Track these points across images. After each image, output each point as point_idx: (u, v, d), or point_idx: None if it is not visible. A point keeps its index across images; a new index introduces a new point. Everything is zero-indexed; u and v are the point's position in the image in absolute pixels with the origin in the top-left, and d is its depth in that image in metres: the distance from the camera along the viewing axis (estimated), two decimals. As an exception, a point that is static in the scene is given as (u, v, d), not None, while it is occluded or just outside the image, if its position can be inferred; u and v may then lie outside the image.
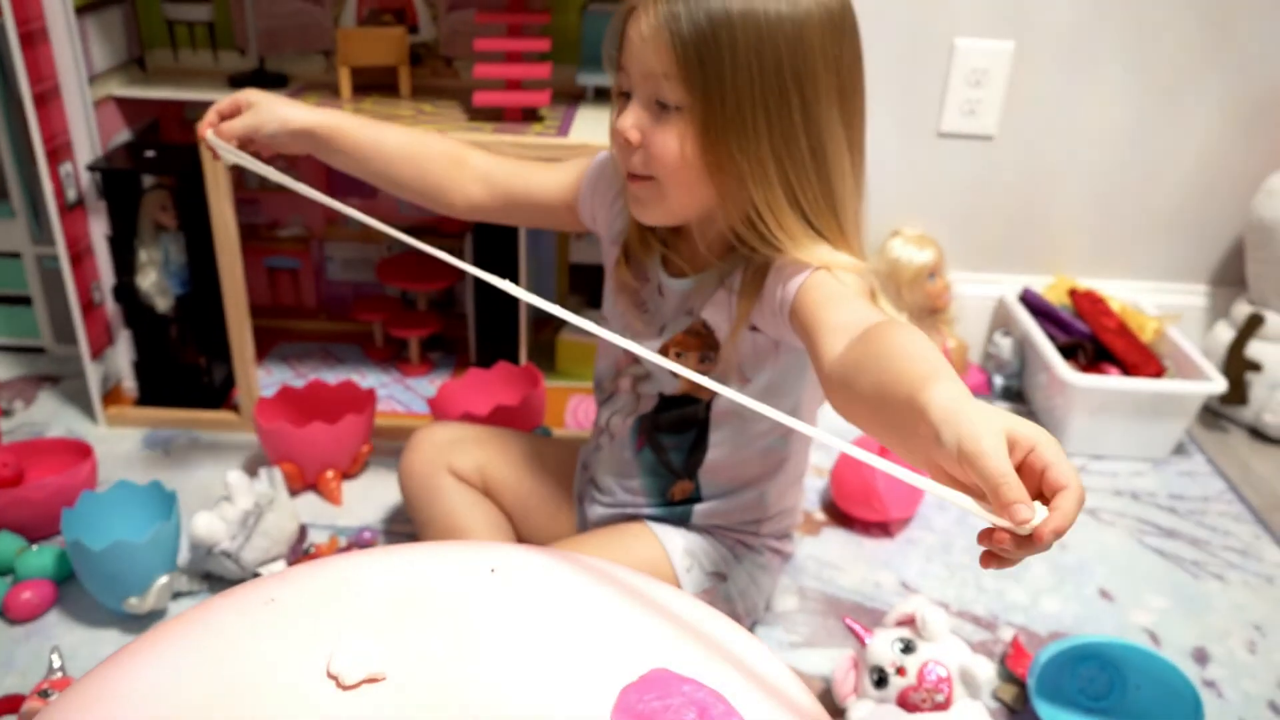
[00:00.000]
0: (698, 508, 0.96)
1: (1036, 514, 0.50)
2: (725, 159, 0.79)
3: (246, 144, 0.94)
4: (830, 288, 0.77)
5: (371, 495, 1.23)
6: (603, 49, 0.85)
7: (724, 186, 0.80)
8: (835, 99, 0.79)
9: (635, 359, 0.95)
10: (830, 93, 0.79)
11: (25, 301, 1.48)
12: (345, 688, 0.56)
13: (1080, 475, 0.57)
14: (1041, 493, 0.52)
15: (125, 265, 1.27)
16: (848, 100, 0.80)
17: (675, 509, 0.97)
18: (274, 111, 0.93)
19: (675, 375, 0.91)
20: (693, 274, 0.88)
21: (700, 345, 0.89)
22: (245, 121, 0.92)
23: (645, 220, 0.87)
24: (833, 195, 0.81)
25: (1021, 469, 0.52)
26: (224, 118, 0.93)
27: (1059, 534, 0.50)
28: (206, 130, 0.92)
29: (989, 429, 0.51)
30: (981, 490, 0.51)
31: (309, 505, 1.20)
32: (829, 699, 0.94)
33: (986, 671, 0.89)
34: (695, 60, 0.76)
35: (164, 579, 0.99)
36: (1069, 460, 0.52)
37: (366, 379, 1.45)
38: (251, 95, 0.93)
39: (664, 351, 0.90)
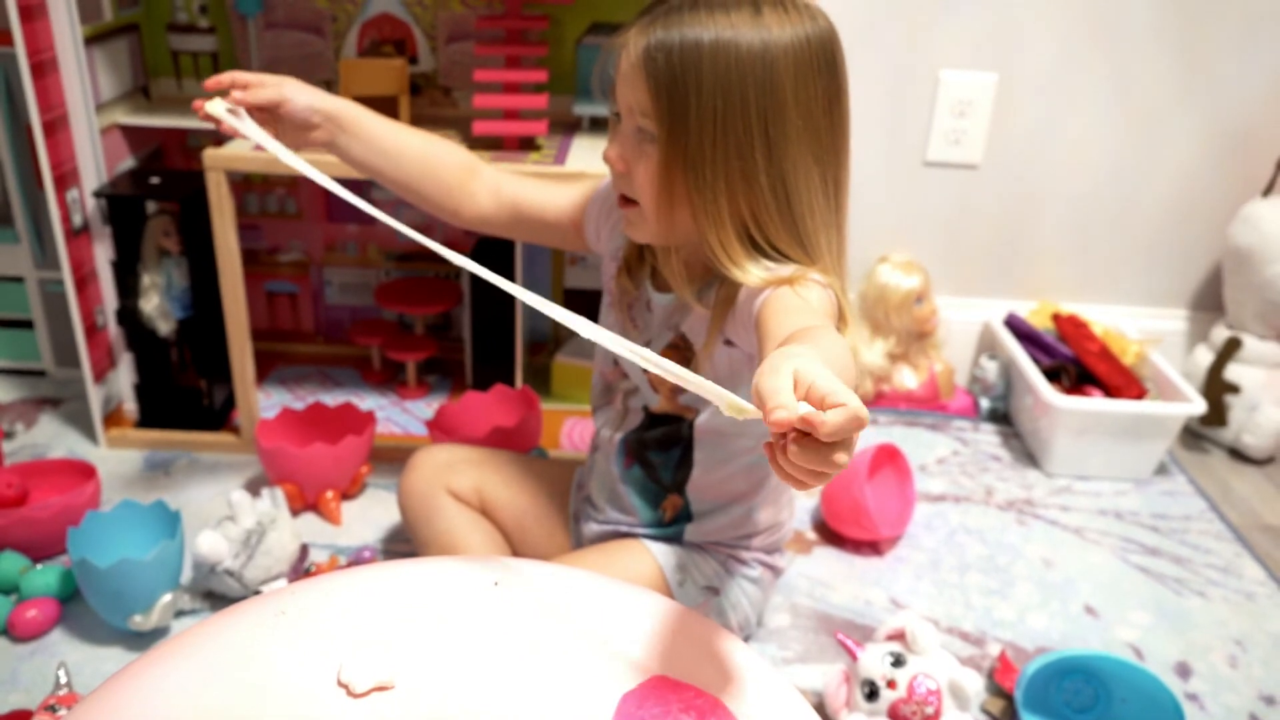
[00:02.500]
0: (689, 526, 0.99)
1: (797, 412, 0.51)
2: (680, 192, 0.82)
3: (264, 121, 0.92)
4: (788, 301, 0.79)
5: (370, 515, 1.25)
6: (592, 77, 0.88)
7: (682, 216, 0.84)
8: (806, 138, 0.82)
9: (625, 373, 0.98)
10: (802, 133, 0.81)
11: (27, 325, 1.50)
12: (355, 696, 0.58)
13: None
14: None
15: (128, 289, 1.29)
16: (822, 136, 0.83)
17: (667, 530, 0.99)
18: (302, 87, 0.92)
19: (657, 390, 0.95)
20: (676, 289, 0.91)
21: (681, 359, 0.91)
22: (270, 93, 0.90)
23: (634, 238, 0.91)
24: (797, 229, 0.83)
25: (810, 401, 0.52)
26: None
27: (834, 434, 0.50)
28: (212, 103, 0.88)
29: (774, 366, 0.54)
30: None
31: (309, 525, 1.22)
32: (822, 713, 0.96)
33: (975, 684, 0.91)
34: (665, 97, 0.80)
35: (168, 597, 1.01)
36: (852, 392, 0.52)
37: (364, 402, 1.47)
38: (270, 75, 0.91)
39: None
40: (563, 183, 1.03)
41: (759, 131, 0.80)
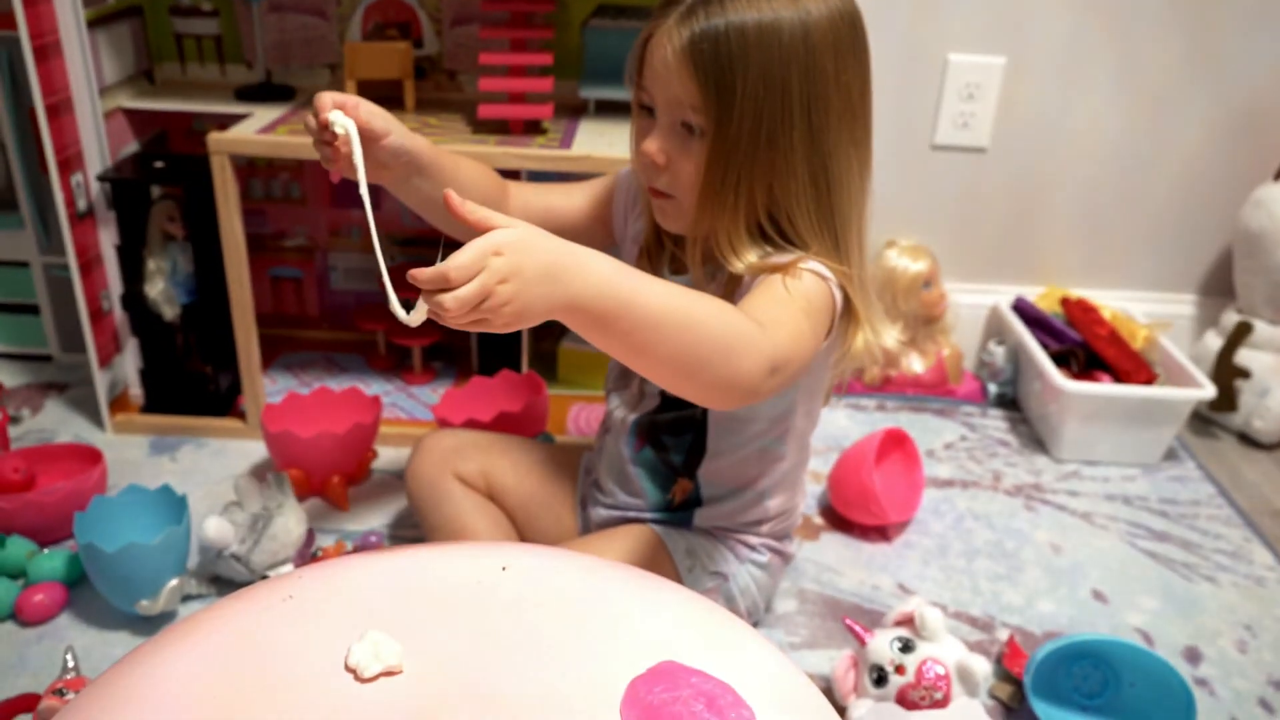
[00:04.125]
0: (698, 511, 0.98)
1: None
2: (723, 184, 0.81)
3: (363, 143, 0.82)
4: (763, 288, 0.80)
5: (377, 500, 1.25)
6: (625, 66, 0.87)
7: (723, 208, 0.82)
8: (846, 121, 0.81)
9: None
10: (842, 116, 0.81)
11: (33, 310, 1.49)
12: (364, 680, 0.58)
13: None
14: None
15: (133, 274, 1.29)
16: (859, 118, 0.83)
17: (676, 514, 0.99)
18: (400, 125, 0.86)
19: None
20: (692, 269, 0.90)
21: None
22: (379, 124, 0.82)
23: (668, 228, 0.89)
24: (833, 218, 0.83)
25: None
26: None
27: (419, 282, 0.63)
28: (336, 112, 0.80)
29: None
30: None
31: (315, 510, 1.22)
32: (830, 698, 0.96)
33: (984, 669, 0.91)
34: (714, 90, 0.78)
35: (175, 581, 1.01)
36: (460, 264, 0.62)
37: (370, 387, 1.46)
38: (379, 107, 0.84)
39: None
40: (577, 185, 1.02)
41: (801, 119, 0.79)
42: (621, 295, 0.67)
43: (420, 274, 0.62)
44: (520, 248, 0.63)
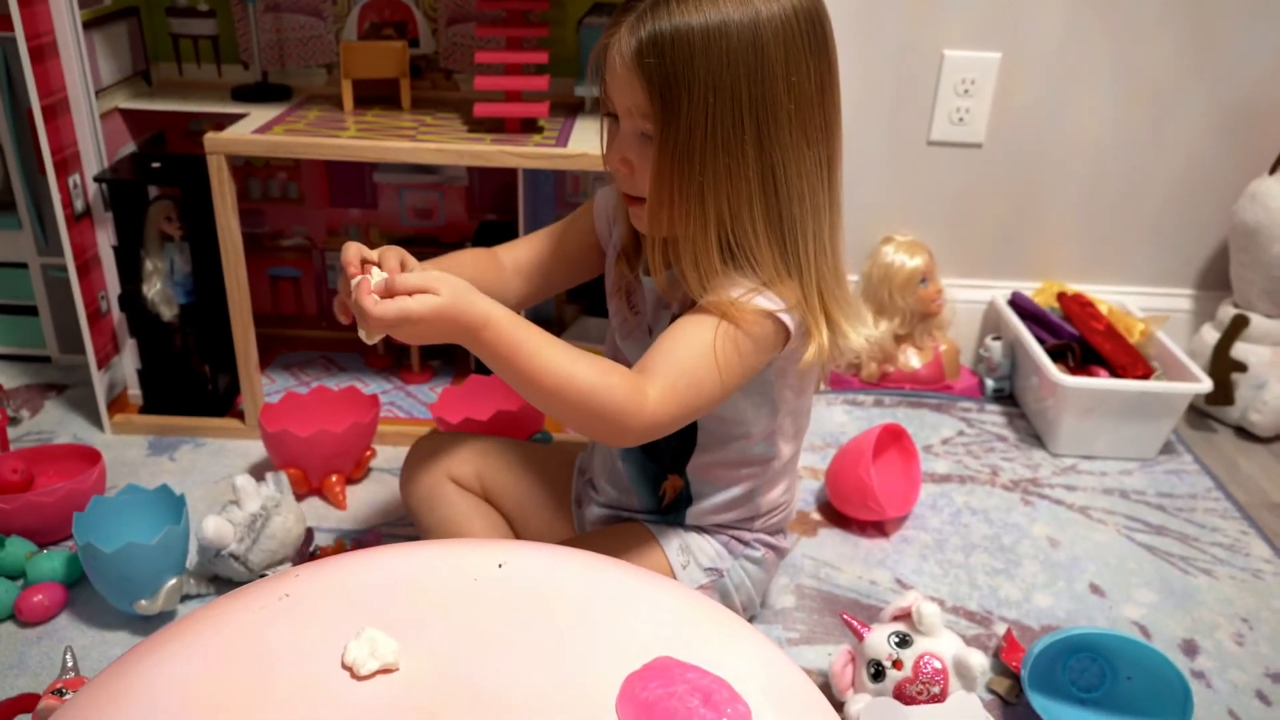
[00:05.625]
0: (690, 509, 0.98)
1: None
2: (675, 189, 0.81)
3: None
4: (687, 328, 0.83)
5: (375, 499, 1.25)
6: (587, 69, 0.87)
7: (676, 213, 0.82)
8: (799, 121, 0.80)
9: (628, 360, 0.98)
10: (794, 116, 0.80)
11: (31, 311, 1.50)
12: (360, 678, 0.58)
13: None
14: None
15: (131, 274, 1.29)
16: (814, 116, 0.81)
17: (668, 515, 0.99)
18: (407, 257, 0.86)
19: None
20: (654, 275, 0.90)
21: None
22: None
23: (642, 230, 0.89)
24: (782, 222, 0.82)
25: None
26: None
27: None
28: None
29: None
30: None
31: (314, 509, 1.22)
32: (827, 693, 0.96)
33: (981, 663, 0.91)
34: (659, 97, 0.78)
35: (173, 581, 1.01)
36: (404, 304, 0.75)
37: (368, 386, 1.47)
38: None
39: None
40: (562, 221, 1.02)
41: (749, 123, 0.79)
42: (501, 353, 0.78)
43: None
44: (432, 315, 0.76)
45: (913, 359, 1.57)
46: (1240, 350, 1.49)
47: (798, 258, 0.84)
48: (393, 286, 0.76)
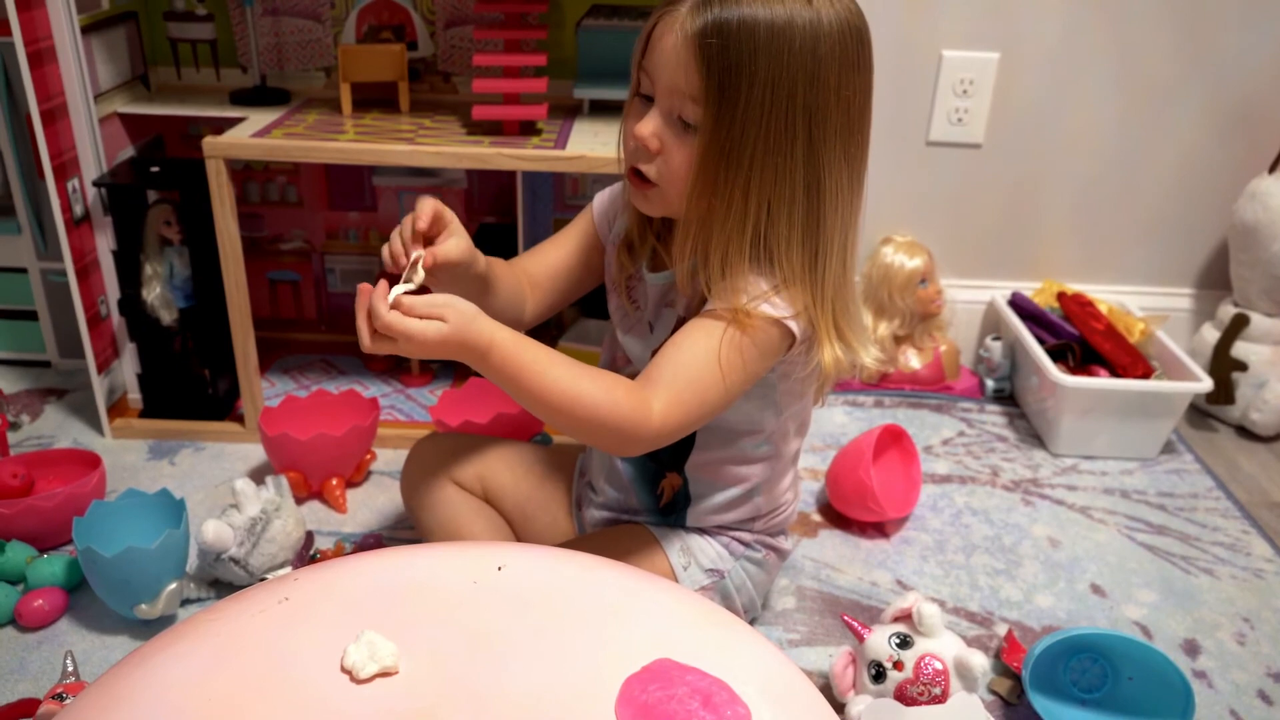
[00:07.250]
0: (690, 510, 0.98)
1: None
2: (712, 184, 0.80)
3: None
4: (694, 334, 0.83)
5: (375, 502, 1.25)
6: (633, 48, 0.85)
7: (707, 206, 0.82)
8: (843, 134, 0.81)
9: (629, 359, 0.98)
10: (840, 129, 0.80)
11: (31, 316, 1.50)
12: (359, 682, 0.58)
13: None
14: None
15: (130, 279, 1.29)
16: (855, 132, 0.82)
17: (668, 516, 0.99)
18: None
19: None
20: (675, 265, 0.90)
21: None
22: (473, 254, 0.88)
23: (647, 212, 0.89)
24: (818, 230, 0.82)
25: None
26: (426, 233, 0.86)
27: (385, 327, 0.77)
28: (423, 259, 0.84)
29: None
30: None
31: (314, 512, 1.22)
32: (828, 695, 0.96)
33: (982, 664, 0.91)
34: (717, 85, 0.77)
35: (174, 585, 1.01)
36: (414, 327, 0.76)
37: (368, 390, 1.47)
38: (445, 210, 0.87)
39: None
40: (563, 230, 1.02)
41: (801, 128, 0.79)
42: (507, 375, 0.79)
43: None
44: (435, 343, 0.77)
45: (913, 359, 1.57)
46: (1240, 349, 1.49)
47: (823, 269, 0.84)
48: (403, 311, 0.77)
